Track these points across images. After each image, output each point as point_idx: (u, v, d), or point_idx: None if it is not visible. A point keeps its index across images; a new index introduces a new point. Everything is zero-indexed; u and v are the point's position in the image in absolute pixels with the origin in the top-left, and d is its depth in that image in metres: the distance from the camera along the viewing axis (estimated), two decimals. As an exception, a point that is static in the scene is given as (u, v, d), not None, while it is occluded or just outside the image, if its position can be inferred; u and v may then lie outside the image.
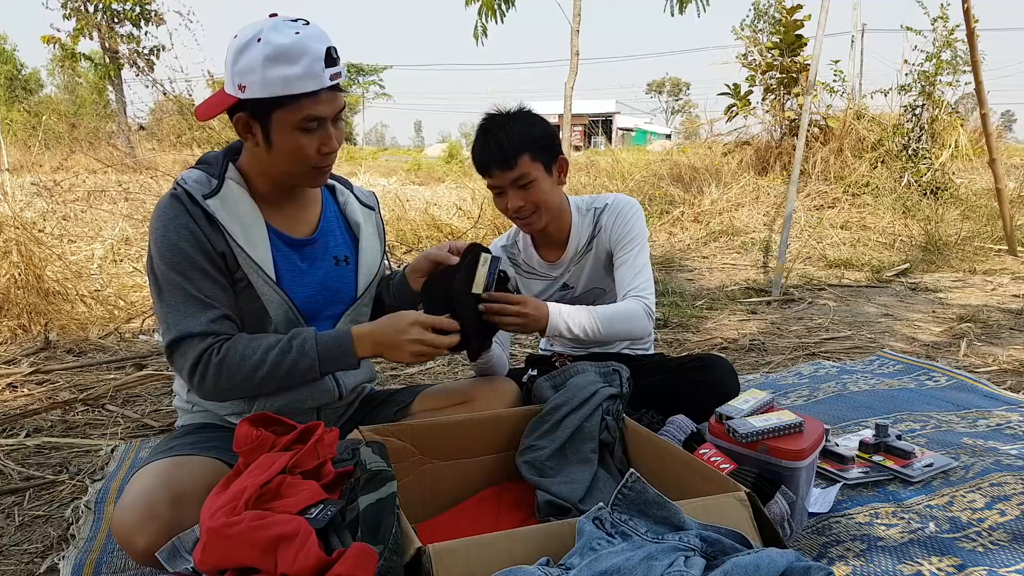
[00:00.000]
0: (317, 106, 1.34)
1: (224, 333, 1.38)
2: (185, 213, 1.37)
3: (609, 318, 1.76)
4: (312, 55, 1.30)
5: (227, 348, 1.35)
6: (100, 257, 4.79)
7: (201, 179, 1.41)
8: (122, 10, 13.92)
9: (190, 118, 7.83)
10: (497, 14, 6.94)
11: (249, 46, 1.30)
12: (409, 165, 17.46)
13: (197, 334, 1.35)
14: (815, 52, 4.87)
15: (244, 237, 1.40)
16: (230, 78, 1.33)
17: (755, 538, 1.13)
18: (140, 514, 1.22)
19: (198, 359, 1.35)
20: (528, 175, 1.79)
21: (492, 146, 1.77)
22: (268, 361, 1.35)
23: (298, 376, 1.39)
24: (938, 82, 7.60)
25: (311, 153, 1.38)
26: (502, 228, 6.08)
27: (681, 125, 43.46)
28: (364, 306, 1.60)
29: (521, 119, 1.81)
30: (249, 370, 1.35)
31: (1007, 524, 1.51)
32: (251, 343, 1.37)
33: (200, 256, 1.36)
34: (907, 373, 2.73)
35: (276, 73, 1.29)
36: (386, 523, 1.03)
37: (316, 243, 1.53)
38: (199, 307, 1.36)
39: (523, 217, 1.85)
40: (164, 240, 1.36)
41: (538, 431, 1.56)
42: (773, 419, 1.45)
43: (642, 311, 1.80)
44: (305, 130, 1.36)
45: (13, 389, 2.70)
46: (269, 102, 1.32)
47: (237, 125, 1.39)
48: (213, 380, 1.35)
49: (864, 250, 5.94)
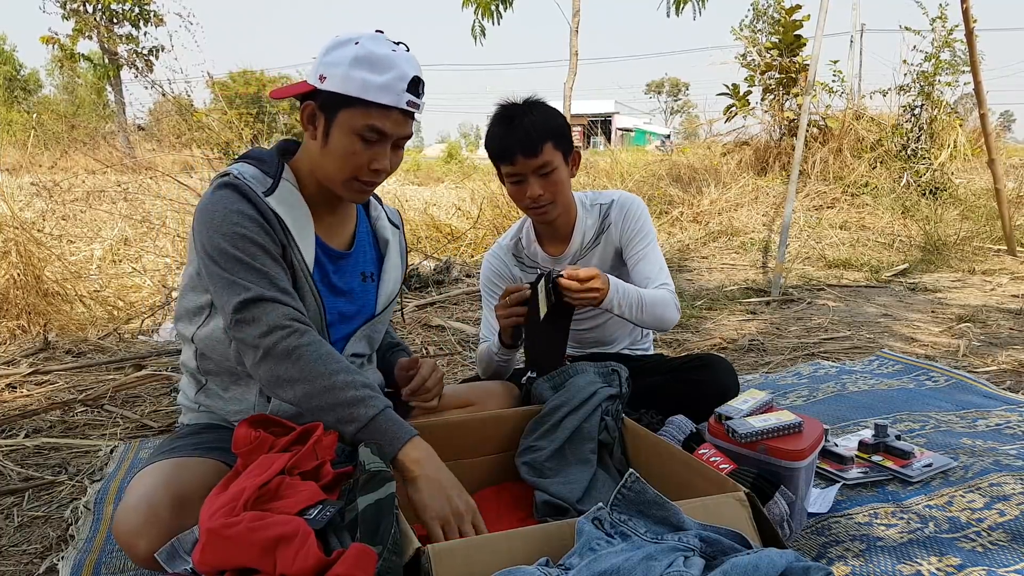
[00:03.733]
0: (384, 121, 1.35)
1: (302, 312, 1.32)
2: (245, 201, 1.34)
3: (651, 302, 1.77)
4: (398, 73, 1.33)
5: (313, 339, 1.29)
6: (99, 258, 4.79)
7: (257, 176, 1.39)
8: (121, 11, 13.93)
9: (189, 118, 7.82)
10: (494, 16, 6.93)
11: (345, 44, 1.34)
12: (408, 165, 17.45)
13: (276, 300, 1.29)
14: (814, 52, 4.87)
15: (299, 236, 1.40)
16: (315, 67, 1.36)
17: (754, 538, 1.13)
18: (142, 517, 1.21)
19: (276, 327, 1.27)
20: (551, 163, 1.80)
21: (518, 133, 1.77)
22: (336, 380, 1.27)
23: (336, 415, 1.27)
24: (937, 82, 7.61)
25: (361, 163, 1.37)
26: (501, 229, 6.08)
27: (680, 125, 43.47)
28: (380, 324, 1.59)
29: (541, 108, 1.82)
30: (317, 374, 1.27)
31: (1006, 524, 1.51)
32: (335, 353, 1.31)
33: (263, 239, 1.33)
34: (906, 373, 2.73)
35: (359, 75, 1.31)
36: (385, 523, 1.03)
37: (350, 258, 1.53)
38: (269, 280, 1.31)
39: (540, 206, 1.85)
40: (225, 222, 1.31)
41: (537, 432, 1.56)
42: (772, 419, 1.45)
43: (673, 302, 1.84)
44: (364, 139, 1.36)
45: (12, 389, 2.70)
46: (342, 99, 1.33)
47: (303, 112, 1.39)
48: (282, 357, 1.27)
49: (863, 250, 5.94)
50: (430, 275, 4.83)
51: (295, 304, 1.33)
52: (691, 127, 15.77)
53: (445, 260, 5.14)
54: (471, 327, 3.65)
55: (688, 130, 16.70)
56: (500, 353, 1.87)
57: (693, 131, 14.11)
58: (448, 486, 1.23)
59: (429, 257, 5.41)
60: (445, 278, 4.83)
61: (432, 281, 4.76)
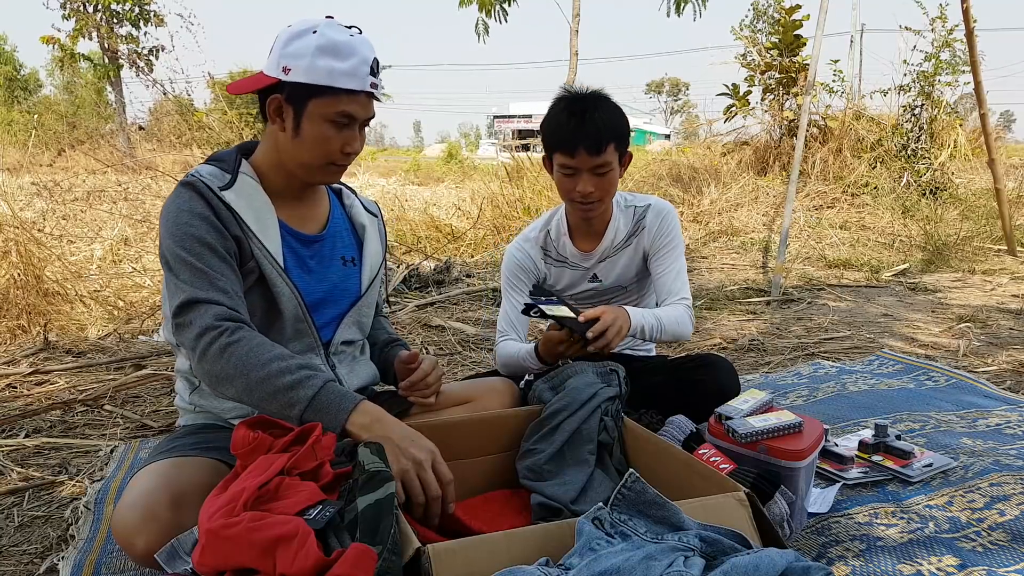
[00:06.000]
0: (353, 105, 1.39)
1: (237, 310, 1.34)
2: (198, 199, 1.37)
3: (669, 322, 1.84)
4: (361, 58, 1.37)
5: (243, 335, 1.30)
6: (99, 257, 4.79)
7: (215, 173, 1.43)
8: (121, 11, 13.93)
9: (190, 118, 7.83)
10: (497, 13, 6.94)
11: (303, 34, 1.37)
12: (408, 165, 17.45)
13: (209, 301, 1.31)
14: (814, 52, 4.87)
15: (258, 227, 1.42)
16: (275, 60, 1.38)
17: (754, 538, 1.13)
18: (140, 515, 1.22)
19: (208, 328, 1.29)
20: (610, 164, 1.81)
21: (589, 128, 1.77)
22: (269, 369, 1.27)
23: (279, 403, 1.27)
24: (937, 82, 7.62)
25: (334, 148, 1.42)
26: (501, 228, 6.08)
27: (680, 125, 43.46)
28: (367, 307, 1.61)
29: (608, 105, 1.82)
30: (249, 367, 1.28)
31: (1007, 524, 1.51)
32: (265, 343, 1.32)
33: (211, 236, 1.35)
34: (906, 373, 2.73)
35: (324, 63, 1.34)
36: (385, 524, 1.03)
37: (325, 241, 1.55)
38: (208, 280, 1.33)
39: (588, 203, 1.86)
40: (176, 223, 1.36)
41: (537, 435, 1.56)
42: (772, 419, 1.45)
43: (688, 316, 1.89)
44: (336, 124, 1.40)
45: (12, 389, 2.70)
46: (310, 89, 1.36)
47: (269, 106, 1.41)
48: (215, 358, 1.28)
49: (863, 250, 5.94)
50: (430, 275, 4.83)
51: (229, 302, 1.33)
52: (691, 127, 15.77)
53: (445, 260, 5.14)
54: (471, 327, 3.65)
55: (688, 130, 16.70)
56: (535, 365, 1.88)
57: (693, 131, 14.09)
58: (400, 439, 1.24)
59: (429, 257, 5.41)
60: (445, 278, 4.82)
61: (432, 281, 4.76)
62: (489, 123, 57.73)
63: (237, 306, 1.35)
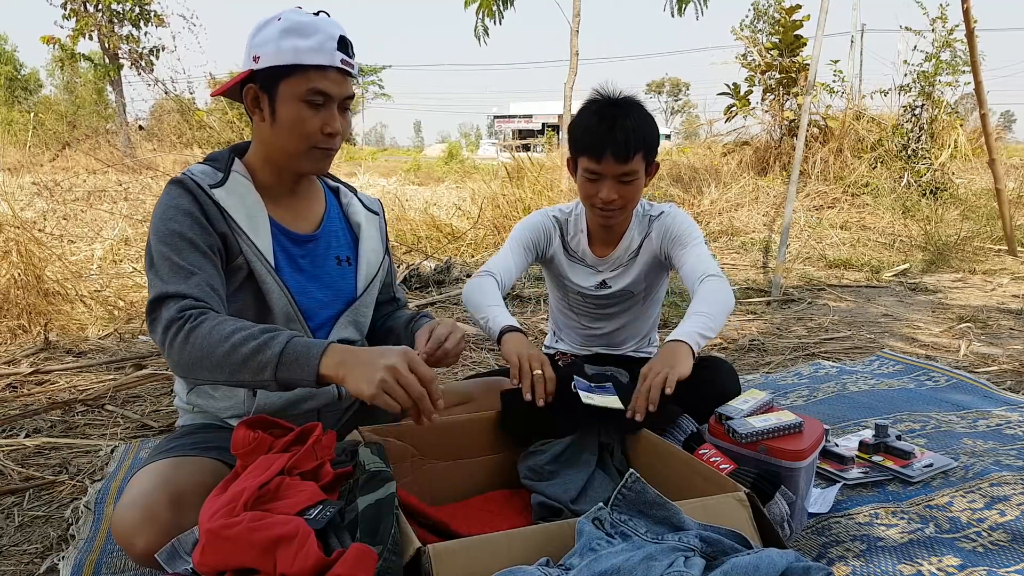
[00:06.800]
0: (324, 81, 1.37)
1: (203, 300, 1.32)
2: (186, 195, 1.37)
3: (716, 303, 1.70)
4: (325, 34, 1.37)
5: (204, 319, 1.27)
6: (100, 257, 4.79)
7: (207, 171, 1.43)
8: (122, 11, 13.92)
9: (190, 118, 7.84)
10: (496, 16, 6.94)
11: (268, 23, 1.39)
12: (408, 165, 17.46)
13: (176, 295, 1.30)
14: (814, 52, 4.87)
15: (248, 225, 1.41)
16: (246, 53, 1.39)
17: (755, 538, 1.13)
18: (139, 515, 1.21)
19: (172, 321, 1.27)
20: (636, 173, 1.78)
21: (618, 135, 1.73)
22: (232, 341, 1.23)
23: (250, 370, 1.23)
24: (937, 82, 7.62)
25: (313, 129, 1.39)
26: (501, 228, 6.08)
27: (681, 125, 43.48)
28: (364, 307, 1.59)
29: (640, 112, 1.78)
30: (213, 345, 1.24)
31: (1007, 524, 1.51)
32: (227, 320, 1.29)
33: (193, 232, 1.35)
34: (907, 373, 2.73)
35: (289, 43, 1.35)
36: (385, 524, 1.03)
37: (318, 241, 1.53)
38: (182, 274, 1.33)
39: (609, 210, 1.83)
40: (162, 219, 1.36)
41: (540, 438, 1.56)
42: (773, 419, 1.45)
43: (724, 287, 1.75)
44: (310, 104, 1.38)
45: (13, 389, 2.70)
46: (279, 71, 1.36)
47: (247, 98, 1.41)
48: (180, 347, 1.26)
49: (864, 250, 5.94)
50: (430, 275, 4.83)
51: (199, 293, 1.31)
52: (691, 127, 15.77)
53: (445, 260, 5.14)
54: (471, 327, 3.65)
55: (688, 130, 16.69)
56: (494, 345, 1.75)
57: (693, 131, 14.10)
58: (370, 361, 1.20)
59: (429, 257, 5.41)
60: (446, 278, 4.83)
61: (432, 281, 4.76)
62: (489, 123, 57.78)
63: (206, 297, 1.32)
